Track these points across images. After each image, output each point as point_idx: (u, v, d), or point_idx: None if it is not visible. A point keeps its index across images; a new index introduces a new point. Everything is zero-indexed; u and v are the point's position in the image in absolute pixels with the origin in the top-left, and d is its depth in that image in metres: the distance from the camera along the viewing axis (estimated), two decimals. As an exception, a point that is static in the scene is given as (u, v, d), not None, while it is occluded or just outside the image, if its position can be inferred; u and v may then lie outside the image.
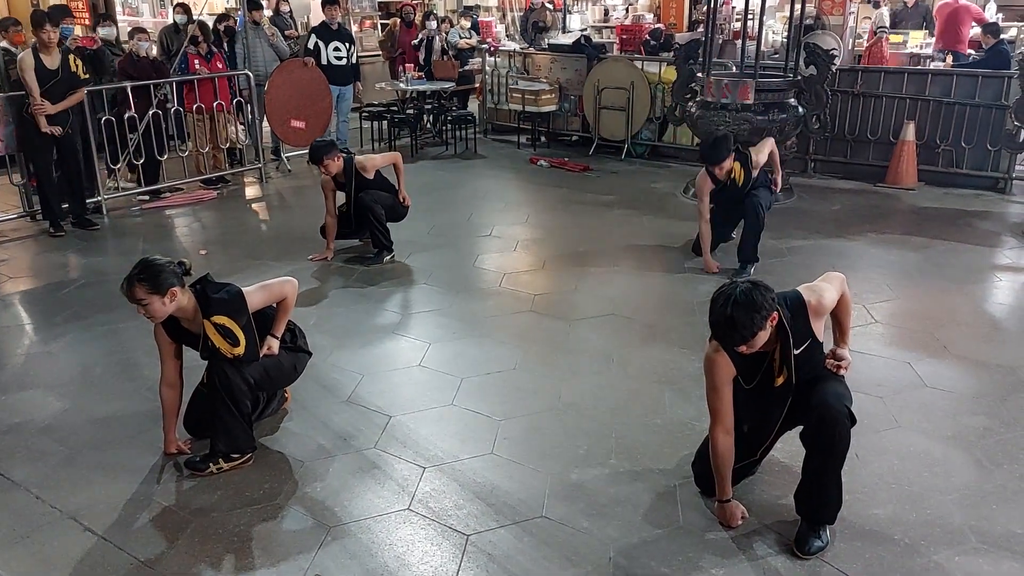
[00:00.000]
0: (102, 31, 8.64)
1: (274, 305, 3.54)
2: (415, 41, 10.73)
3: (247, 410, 3.44)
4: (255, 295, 3.42)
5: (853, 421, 2.85)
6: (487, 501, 3.22)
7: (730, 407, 2.96)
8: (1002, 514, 3.11)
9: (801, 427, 2.98)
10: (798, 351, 2.86)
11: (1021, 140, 7.33)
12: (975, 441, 3.60)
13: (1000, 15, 11.94)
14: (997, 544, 2.95)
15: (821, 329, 2.95)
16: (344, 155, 5.98)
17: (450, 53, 10.86)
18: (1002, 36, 9.15)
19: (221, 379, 3.34)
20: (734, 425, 3.00)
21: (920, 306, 5.25)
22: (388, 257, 6.01)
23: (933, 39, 10.67)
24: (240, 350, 3.34)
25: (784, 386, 2.92)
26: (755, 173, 5.61)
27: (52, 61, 6.43)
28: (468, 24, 11.63)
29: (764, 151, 5.73)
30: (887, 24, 10.46)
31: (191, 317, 3.33)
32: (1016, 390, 4.06)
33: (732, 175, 5.57)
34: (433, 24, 10.71)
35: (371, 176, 5.95)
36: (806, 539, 2.92)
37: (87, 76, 6.78)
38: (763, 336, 2.75)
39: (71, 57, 6.60)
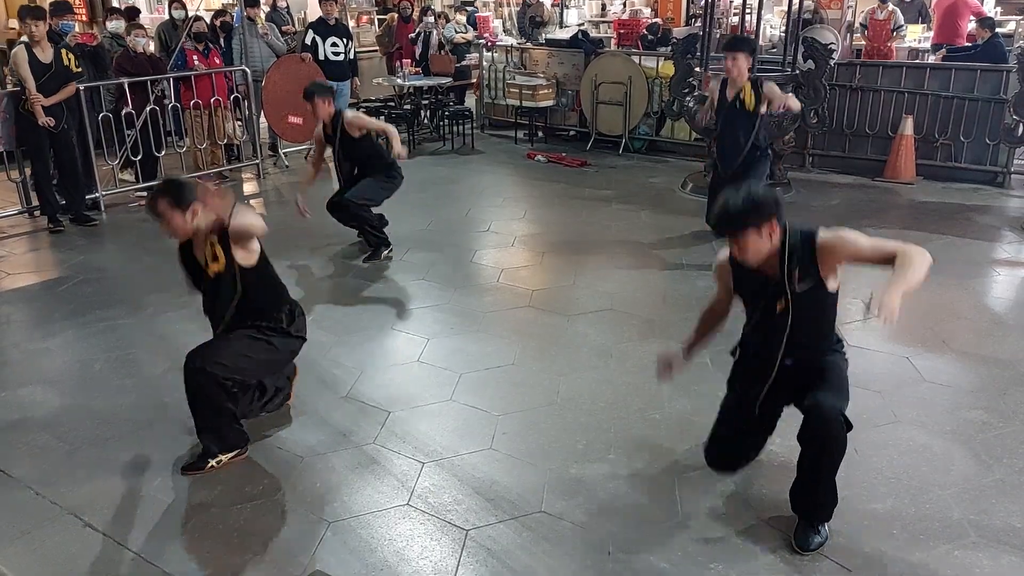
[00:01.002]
0: (110, 25, 8.61)
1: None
2: (412, 35, 10.71)
3: (230, 409, 3.40)
4: (239, 220, 3.25)
5: (848, 427, 2.82)
6: (486, 496, 3.23)
7: (723, 297, 3.10)
8: (1001, 508, 3.11)
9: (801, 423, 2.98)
10: (800, 290, 2.77)
11: (1020, 134, 7.32)
12: (974, 435, 3.61)
13: (999, 8, 11.94)
14: (996, 538, 2.95)
15: (832, 278, 2.82)
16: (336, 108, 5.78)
17: (447, 48, 10.84)
18: (997, 30, 9.14)
19: (193, 385, 3.31)
20: (743, 351, 3.08)
21: (919, 301, 5.23)
22: (386, 252, 5.97)
23: (931, 33, 10.67)
24: (221, 264, 3.26)
25: (783, 315, 2.83)
26: (764, 107, 5.55)
27: (45, 55, 6.44)
28: (463, 19, 11.61)
29: (776, 90, 5.61)
30: (903, 22, 10.43)
31: (203, 239, 3.27)
32: (1015, 384, 4.06)
33: (741, 96, 5.56)
34: (431, 19, 10.69)
35: (356, 135, 5.67)
36: (806, 536, 2.92)
37: (79, 70, 6.77)
38: (755, 241, 2.69)
39: (63, 51, 6.60)
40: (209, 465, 3.40)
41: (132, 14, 9.64)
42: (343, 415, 3.83)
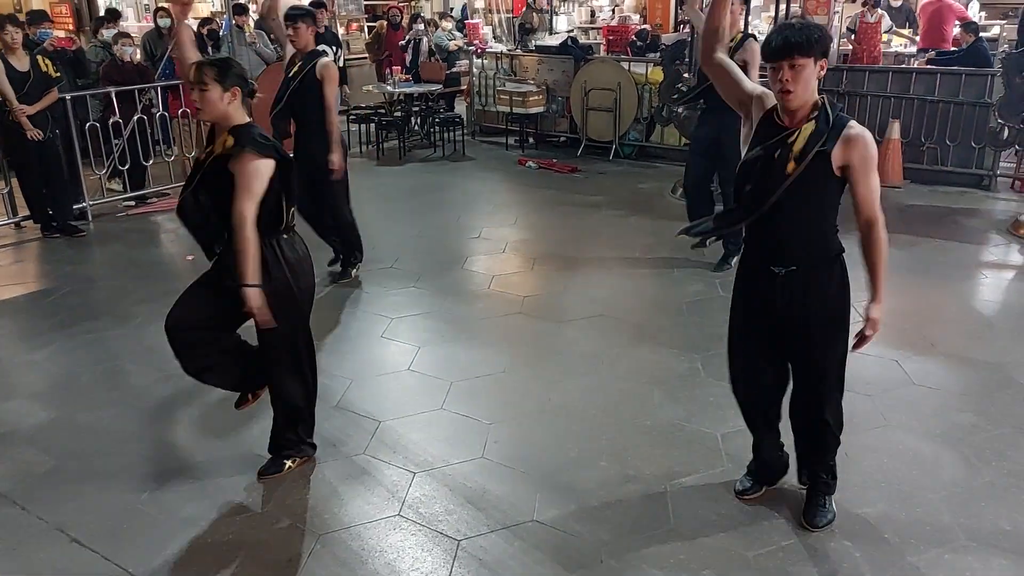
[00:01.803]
0: (106, 34, 8.57)
1: None
2: (402, 42, 10.71)
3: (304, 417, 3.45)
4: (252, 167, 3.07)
5: (839, 427, 2.88)
6: (477, 506, 3.21)
7: (742, 90, 2.84)
8: (991, 511, 3.12)
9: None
10: (813, 153, 2.62)
11: (1005, 138, 7.37)
12: (963, 438, 3.62)
13: (983, 13, 12.02)
14: (986, 541, 2.96)
15: (841, 162, 2.66)
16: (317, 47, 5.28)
17: (437, 56, 10.84)
18: (981, 34, 9.20)
19: (284, 396, 3.35)
20: (737, 186, 2.85)
21: (907, 304, 5.26)
22: (356, 268, 5.74)
23: (917, 38, 10.72)
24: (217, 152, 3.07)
25: (788, 176, 2.68)
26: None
27: (21, 63, 6.39)
28: (450, 26, 11.62)
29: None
30: (892, 25, 10.48)
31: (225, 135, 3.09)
32: (1003, 387, 4.08)
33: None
34: (421, 26, 10.70)
35: (317, 84, 5.18)
36: (814, 513, 3.00)
37: (58, 75, 6.72)
38: (811, 73, 2.58)
39: (40, 58, 6.55)
40: (287, 466, 3.42)
41: (113, 16, 9.59)
42: (333, 425, 3.81)
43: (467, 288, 5.66)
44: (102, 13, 11.49)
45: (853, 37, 10.17)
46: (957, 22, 10.15)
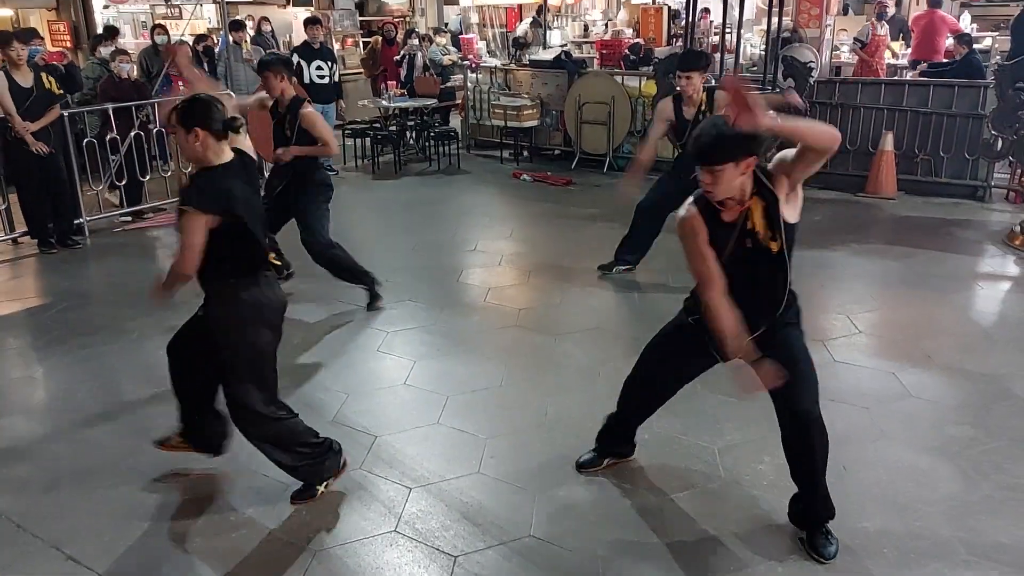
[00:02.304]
0: (104, 51, 8.59)
1: None
2: (397, 57, 10.75)
3: (298, 442, 3.28)
4: None
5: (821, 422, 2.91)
6: (474, 521, 3.20)
7: (716, 267, 2.78)
8: (989, 525, 3.12)
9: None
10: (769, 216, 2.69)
11: (999, 149, 7.41)
12: (960, 451, 3.62)
13: (975, 25, 12.11)
14: (985, 555, 2.95)
15: (791, 206, 2.73)
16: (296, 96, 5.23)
17: (432, 70, 10.88)
18: (974, 46, 9.27)
19: (256, 436, 3.22)
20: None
21: (903, 316, 5.28)
22: (379, 292, 5.51)
23: (909, 50, 10.80)
24: None
25: (778, 255, 2.77)
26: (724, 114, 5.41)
27: (25, 79, 6.43)
28: (444, 41, 11.67)
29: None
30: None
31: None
32: (1000, 399, 4.08)
33: (703, 109, 5.37)
34: (415, 41, 10.74)
35: (304, 129, 5.16)
36: (823, 545, 2.97)
37: (61, 92, 6.77)
38: (732, 175, 2.59)
39: (43, 75, 6.60)
40: (319, 491, 3.35)
41: (111, 33, 9.61)
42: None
43: (463, 301, 5.66)
44: (100, 31, 11.55)
45: (862, 48, 10.22)
46: (949, 34, 10.23)
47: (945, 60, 9.77)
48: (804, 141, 2.57)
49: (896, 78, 9.60)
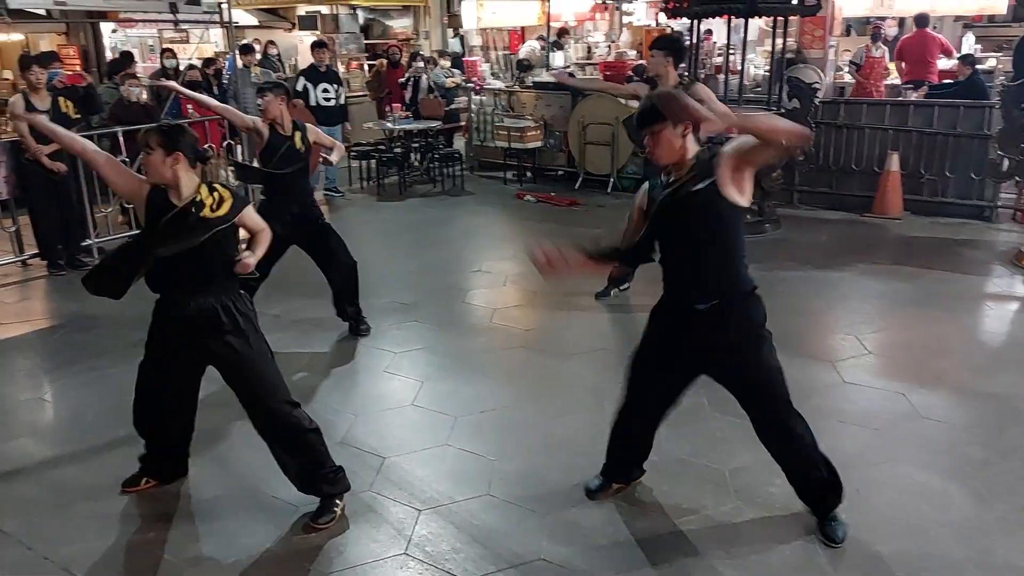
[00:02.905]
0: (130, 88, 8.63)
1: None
2: (402, 80, 10.82)
3: (318, 455, 3.34)
4: (252, 212, 3.41)
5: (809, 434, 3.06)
6: (484, 544, 3.19)
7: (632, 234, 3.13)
8: (1002, 547, 3.09)
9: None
10: (696, 188, 2.81)
11: (1005, 169, 7.42)
12: (973, 473, 3.60)
13: (978, 46, 12.17)
14: (999, 577, 2.93)
15: (729, 180, 2.79)
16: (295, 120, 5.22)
17: (436, 93, 10.95)
18: (977, 67, 9.31)
19: (274, 437, 3.28)
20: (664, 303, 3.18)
21: (912, 336, 5.27)
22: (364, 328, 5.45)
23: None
24: (224, 210, 3.17)
25: (685, 229, 2.94)
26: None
27: (42, 103, 6.50)
28: (447, 63, 11.75)
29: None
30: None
31: (184, 192, 3.14)
32: (1012, 420, 4.06)
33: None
34: (420, 64, 10.82)
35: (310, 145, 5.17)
36: (833, 531, 3.08)
37: (77, 116, 6.84)
38: (669, 135, 2.82)
39: (61, 99, 6.67)
40: (334, 515, 3.34)
41: (127, 59, 9.74)
42: (338, 461, 3.76)
43: (469, 322, 5.67)
44: (108, 54, 11.68)
45: (858, 71, 10.27)
46: (942, 54, 10.27)
47: (949, 81, 9.80)
48: (761, 137, 2.68)
49: (900, 99, 9.63)
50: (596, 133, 9.50)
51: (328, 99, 9.33)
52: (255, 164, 5.49)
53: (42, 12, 9.75)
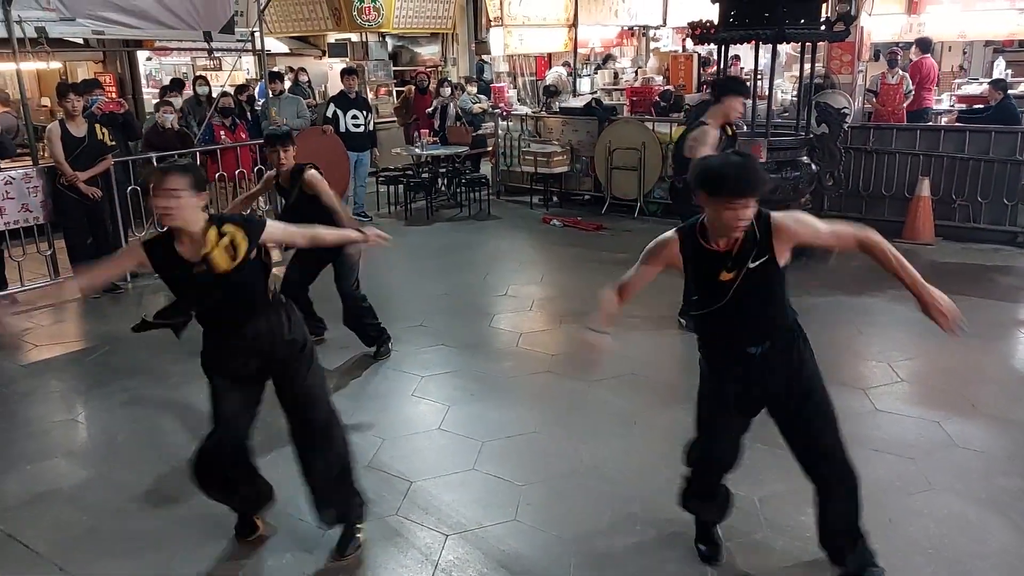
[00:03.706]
0: (176, 100, 8.84)
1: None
2: (429, 110, 10.91)
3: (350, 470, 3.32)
4: (276, 228, 3.20)
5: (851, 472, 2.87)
6: (511, 570, 3.17)
7: (640, 281, 3.04)
8: (1043, 579, 3.02)
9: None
10: (754, 264, 2.71)
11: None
12: (1011, 503, 3.52)
13: (1009, 71, 12.07)
14: (1040, 611, 2.86)
15: (783, 255, 2.74)
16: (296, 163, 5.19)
17: (464, 120, 11.05)
18: (1009, 92, 9.23)
19: (337, 444, 3.24)
20: (707, 343, 3.03)
21: (946, 363, 5.19)
22: (389, 345, 5.50)
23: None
24: (241, 253, 2.96)
25: (728, 284, 2.78)
26: None
27: (78, 129, 6.67)
28: (475, 89, 11.87)
29: None
30: (912, 87, 10.53)
31: (197, 234, 2.96)
32: (1049, 449, 3.97)
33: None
34: (448, 91, 10.93)
35: (315, 193, 5.08)
36: (862, 568, 2.93)
37: (113, 143, 7.01)
38: (750, 213, 2.62)
39: (97, 126, 6.83)
40: (358, 545, 3.31)
41: (179, 85, 9.96)
42: (365, 485, 3.73)
43: (495, 346, 5.67)
44: (144, 81, 11.94)
45: (875, 99, 10.22)
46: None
47: (980, 106, 9.72)
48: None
49: (931, 123, 9.56)
50: (623, 158, 9.53)
51: (357, 125, 9.46)
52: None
53: (80, 41, 10.01)
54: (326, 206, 5.01)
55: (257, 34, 8.80)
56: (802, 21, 6.78)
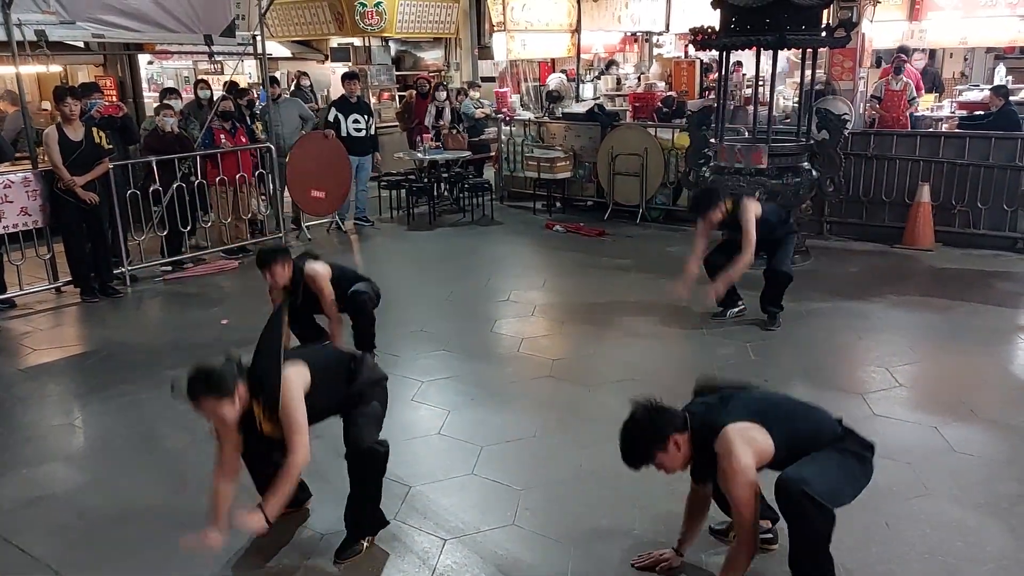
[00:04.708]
0: (176, 104, 8.78)
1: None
2: (428, 119, 10.86)
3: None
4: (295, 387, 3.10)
5: (819, 505, 2.66)
6: (509, 574, 3.16)
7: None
8: (1041, 586, 3.01)
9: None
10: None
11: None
12: (1009, 509, 3.51)
13: (1010, 77, 12.07)
14: (1038, 618, 2.85)
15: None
16: (293, 262, 4.86)
17: (463, 124, 11.04)
18: (1010, 98, 9.23)
19: (370, 471, 3.28)
20: None
21: (944, 369, 5.18)
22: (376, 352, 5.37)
23: (947, 102, 10.71)
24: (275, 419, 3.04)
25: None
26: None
27: (76, 133, 6.67)
28: (477, 95, 11.87)
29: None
30: (915, 94, 10.50)
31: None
32: (1048, 455, 3.97)
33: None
34: (443, 95, 10.90)
35: (322, 287, 4.93)
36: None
37: (111, 147, 7.00)
38: (665, 459, 2.84)
39: (94, 130, 6.84)
40: (361, 551, 3.33)
41: (172, 92, 9.94)
42: (364, 490, 3.78)
43: (496, 351, 5.67)
44: (145, 85, 11.96)
45: (879, 105, 10.22)
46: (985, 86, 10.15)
47: (980, 112, 9.71)
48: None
49: (931, 130, 9.56)
50: (625, 164, 9.53)
51: (359, 130, 9.47)
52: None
53: (80, 44, 10.03)
54: (325, 309, 4.97)
55: (259, 38, 8.81)
56: (803, 27, 6.79)
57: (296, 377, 3.08)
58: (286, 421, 3.02)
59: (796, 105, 8.69)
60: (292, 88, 11.72)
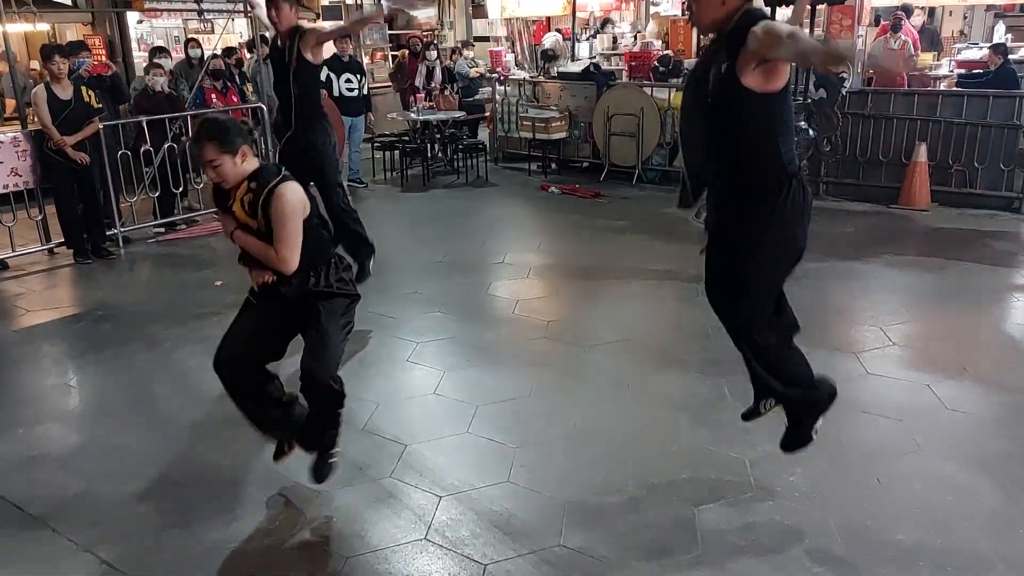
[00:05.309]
0: (167, 63, 8.63)
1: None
2: (419, 80, 10.74)
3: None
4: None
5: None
6: (504, 530, 3.19)
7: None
8: (1029, 539, 3.05)
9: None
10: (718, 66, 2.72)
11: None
12: (999, 466, 3.54)
13: (1009, 35, 11.96)
14: (1025, 570, 2.89)
15: (749, 70, 2.67)
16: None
17: (457, 84, 10.91)
18: (1009, 56, 9.15)
19: (322, 405, 3.28)
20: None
21: (938, 328, 5.20)
22: (370, 265, 5.61)
23: (946, 60, 10.62)
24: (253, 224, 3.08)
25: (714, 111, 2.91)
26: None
27: (64, 92, 6.58)
28: (471, 54, 11.72)
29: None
30: (915, 52, 10.40)
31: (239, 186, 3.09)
32: (1039, 412, 4.00)
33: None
34: (433, 55, 10.77)
35: (316, 61, 5.27)
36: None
37: (100, 106, 6.91)
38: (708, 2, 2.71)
39: (84, 88, 6.74)
40: (335, 459, 3.37)
41: (161, 51, 9.79)
42: (359, 449, 3.80)
43: (491, 313, 5.67)
44: (135, 45, 11.79)
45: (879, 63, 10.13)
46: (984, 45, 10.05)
47: (979, 71, 9.63)
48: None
49: (929, 88, 9.48)
50: (621, 124, 9.46)
51: (351, 89, 9.36)
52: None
53: (67, 2, 9.85)
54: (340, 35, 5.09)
55: (249, -4, 8.66)
56: (801, -17, 6.69)
57: (301, 194, 3.11)
58: (280, 232, 3.05)
59: (794, 64, 8.62)
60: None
